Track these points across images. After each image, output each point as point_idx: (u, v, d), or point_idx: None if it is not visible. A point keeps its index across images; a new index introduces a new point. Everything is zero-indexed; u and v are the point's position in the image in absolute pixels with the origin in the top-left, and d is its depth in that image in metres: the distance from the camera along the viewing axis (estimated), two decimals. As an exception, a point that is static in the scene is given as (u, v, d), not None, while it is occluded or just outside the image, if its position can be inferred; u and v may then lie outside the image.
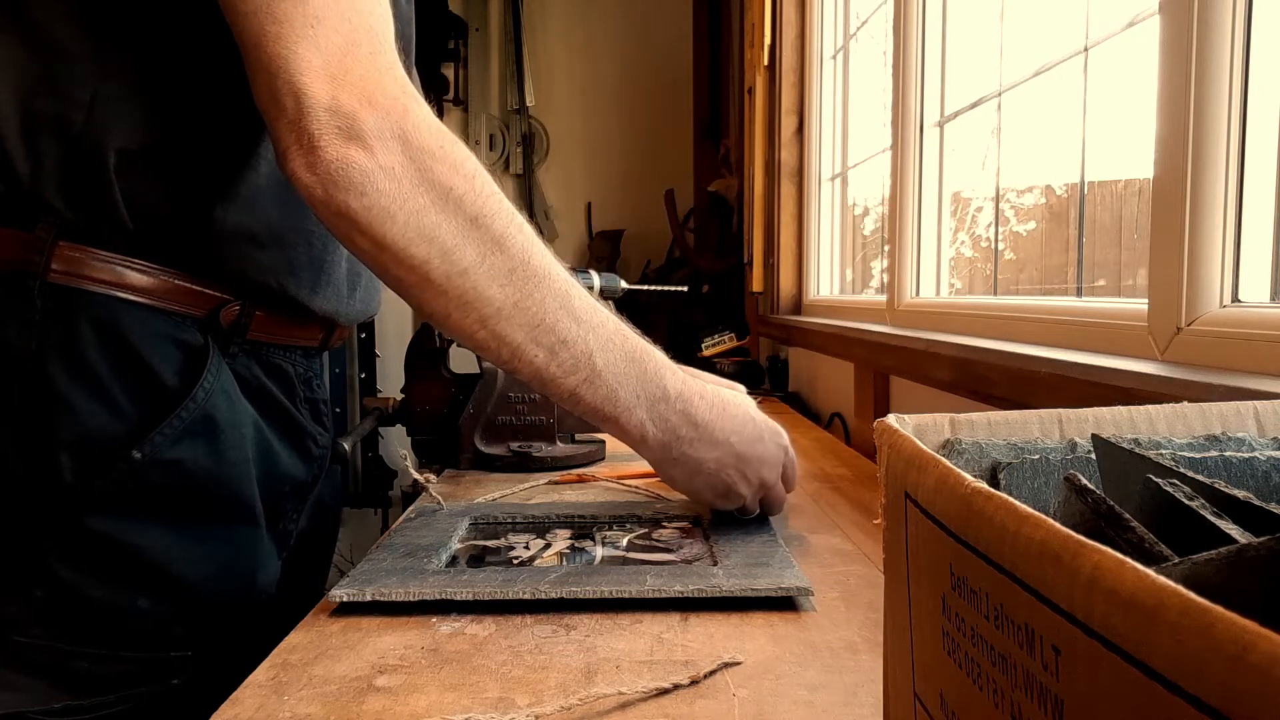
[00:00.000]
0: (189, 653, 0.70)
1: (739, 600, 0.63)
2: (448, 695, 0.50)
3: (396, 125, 0.60)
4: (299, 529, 0.86)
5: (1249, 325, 0.66)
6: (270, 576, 0.78)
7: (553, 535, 0.80)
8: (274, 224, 0.73)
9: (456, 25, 3.41)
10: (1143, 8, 0.87)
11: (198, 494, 0.70)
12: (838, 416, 1.64)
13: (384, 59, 0.62)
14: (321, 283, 0.78)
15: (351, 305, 0.84)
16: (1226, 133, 0.69)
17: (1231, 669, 0.14)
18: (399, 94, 0.61)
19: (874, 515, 0.87)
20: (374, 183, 0.59)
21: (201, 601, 0.71)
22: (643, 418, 0.68)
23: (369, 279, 0.86)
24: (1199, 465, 0.30)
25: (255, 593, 0.75)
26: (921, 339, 1.12)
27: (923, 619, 0.28)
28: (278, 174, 0.71)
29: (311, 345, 0.84)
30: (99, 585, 0.66)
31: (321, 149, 0.59)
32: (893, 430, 0.31)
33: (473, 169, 0.64)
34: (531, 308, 0.63)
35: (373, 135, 0.59)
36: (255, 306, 0.74)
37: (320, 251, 0.77)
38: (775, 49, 2.20)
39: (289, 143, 0.59)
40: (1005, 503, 0.22)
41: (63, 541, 0.65)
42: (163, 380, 0.68)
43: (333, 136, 0.59)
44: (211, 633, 0.72)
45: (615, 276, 1.48)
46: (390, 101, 0.60)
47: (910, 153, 1.44)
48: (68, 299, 0.65)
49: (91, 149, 0.65)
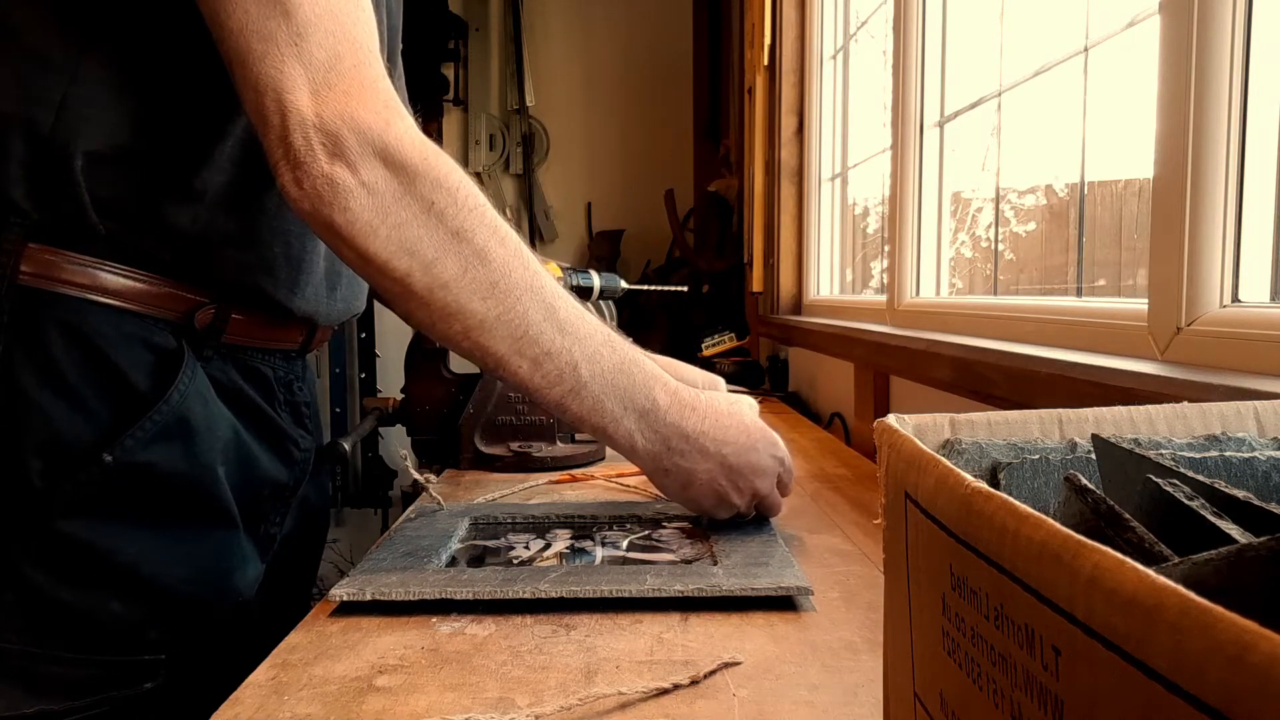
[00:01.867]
0: (163, 656, 0.70)
1: (739, 600, 0.63)
2: (448, 695, 0.50)
3: (379, 140, 0.61)
4: (283, 532, 0.86)
5: (1249, 325, 0.66)
6: (249, 579, 0.77)
7: (553, 535, 0.80)
8: (248, 224, 0.73)
9: (456, 25, 3.41)
10: (1143, 8, 0.87)
11: (171, 496, 0.69)
12: (838, 416, 1.64)
13: (369, 71, 0.63)
14: (300, 282, 0.78)
15: (333, 305, 0.83)
16: (1226, 133, 0.69)
17: (1231, 669, 0.14)
18: (382, 108, 0.62)
19: (874, 515, 0.87)
20: (356, 198, 0.60)
21: (176, 604, 0.70)
22: (631, 428, 0.69)
23: (350, 278, 0.85)
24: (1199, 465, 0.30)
25: (231, 595, 0.75)
26: (921, 339, 1.12)
27: (923, 619, 0.28)
28: (250, 174, 0.71)
29: (291, 348, 0.83)
30: (70, 589, 0.66)
31: (307, 165, 0.60)
32: (893, 430, 0.31)
33: (456, 182, 0.64)
34: (514, 320, 0.64)
35: (355, 151, 0.60)
36: (231, 308, 0.74)
37: (299, 251, 0.77)
38: (775, 49, 2.20)
39: (277, 158, 0.61)
40: (1005, 503, 0.22)
41: (32, 545, 0.65)
42: (134, 383, 0.67)
43: (318, 153, 0.60)
44: (187, 636, 0.71)
45: (615, 276, 1.48)
46: (373, 116, 0.61)
47: (910, 153, 1.44)
48: (36, 301, 0.65)
49: (60, 151, 0.64)
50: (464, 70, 3.47)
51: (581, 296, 1.44)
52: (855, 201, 2.05)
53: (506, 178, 3.52)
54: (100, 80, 0.66)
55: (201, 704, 0.51)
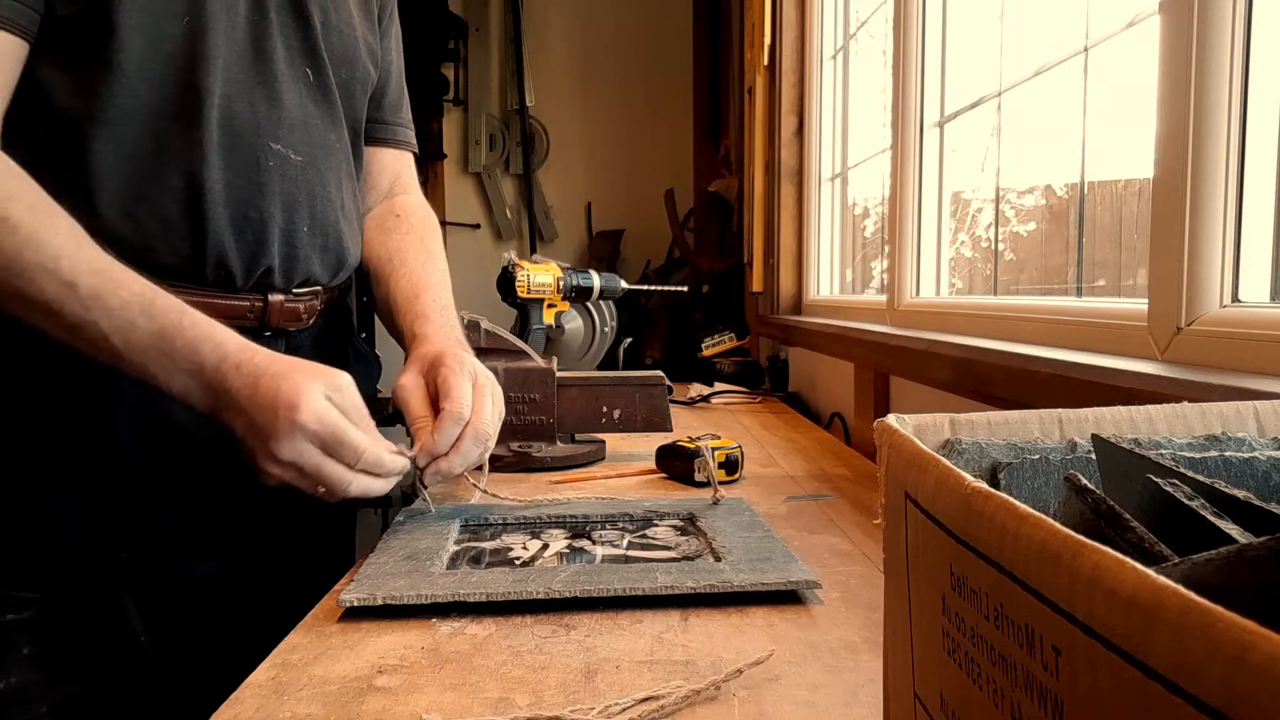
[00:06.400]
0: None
1: (740, 600, 0.63)
2: (448, 695, 0.50)
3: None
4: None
5: (1249, 325, 0.66)
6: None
7: (548, 536, 0.80)
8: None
9: (456, 25, 3.41)
10: (1143, 8, 0.87)
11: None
12: (838, 416, 1.64)
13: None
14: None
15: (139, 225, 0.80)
16: (1226, 133, 0.69)
17: (1231, 669, 0.14)
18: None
19: (874, 515, 0.87)
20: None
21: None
22: (182, 387, 0.72)
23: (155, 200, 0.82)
24: (1199, 465, 0.30)
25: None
26: (922, 339, 1.12)
27: (923, 619, 0.28)
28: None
29: (245, 324, 0.82)
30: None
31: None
32: (893, 430, 0.31)
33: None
34: (34, 297, 0.69)
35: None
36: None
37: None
38: (775, 49, 2.20)
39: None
40: (1005, 503, 0.22)
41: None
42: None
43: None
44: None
45: (615, 276, 1.49)
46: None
47: (910, 153, 1.44)
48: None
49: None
50: (464, 70, 3.46)
51: (581, 296, 1.44)
52: (855, 201, 2.05)
53: (506, 178, 3.52)
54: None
55: (201, 704, 0.51)
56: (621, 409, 1.16)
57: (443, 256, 1.03)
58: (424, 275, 0.97)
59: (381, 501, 0.82)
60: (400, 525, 0.82)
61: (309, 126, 0.86)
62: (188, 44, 0.77)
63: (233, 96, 0.80)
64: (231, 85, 0.80)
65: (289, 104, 0.84)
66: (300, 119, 0.85)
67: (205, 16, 0.78)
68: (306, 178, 0.86)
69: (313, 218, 0.87)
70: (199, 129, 0.78)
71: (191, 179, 0.78)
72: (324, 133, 0.88)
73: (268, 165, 0.82)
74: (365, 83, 0.95)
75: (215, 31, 0.78)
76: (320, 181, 0.88)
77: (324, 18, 0.88)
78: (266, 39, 0.82)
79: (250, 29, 0.82)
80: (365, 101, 0.96)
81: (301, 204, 0.85)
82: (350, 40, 0.92)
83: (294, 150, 0.85)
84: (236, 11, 0.80)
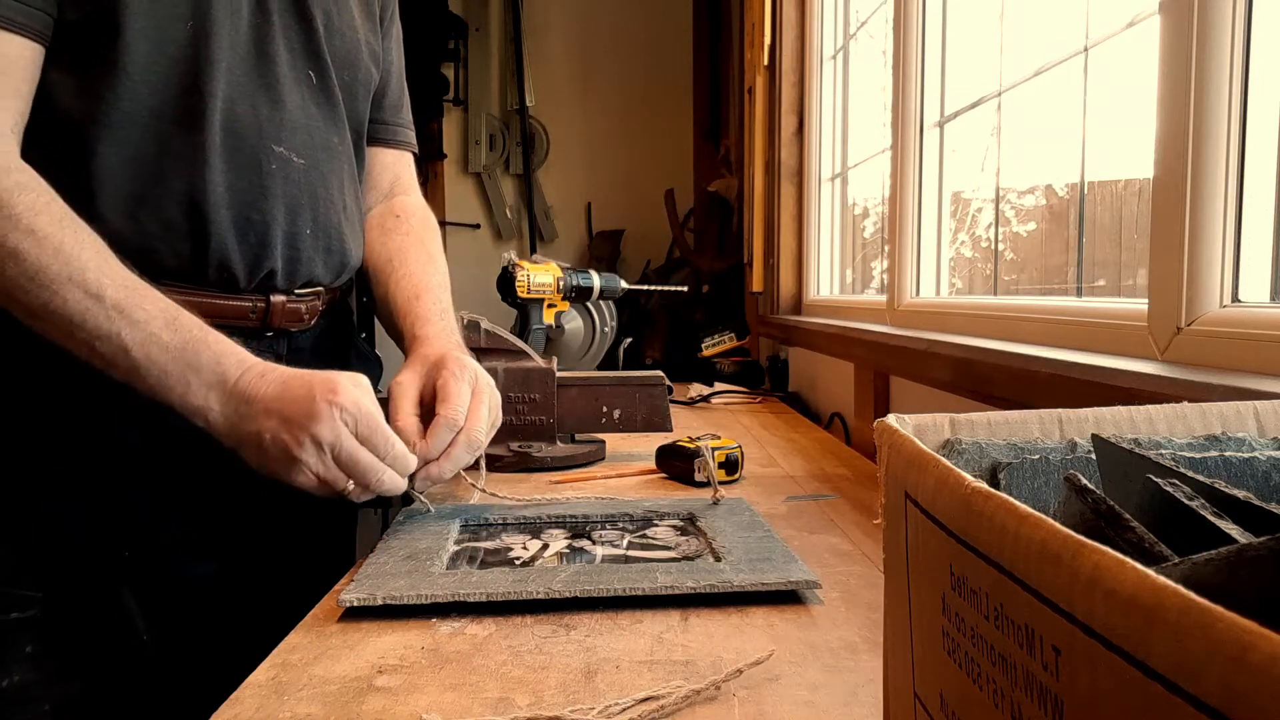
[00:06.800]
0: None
1: (741, 600, 0.63)
2: (448, 695, 0.50)
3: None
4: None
5: (1249, 325, 0.66)
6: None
7: (548, 536, 0.80)
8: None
9: (456, 25, 3.41)
10: (1143, 8, 0.87)
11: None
12: (838, 416, 1.64)
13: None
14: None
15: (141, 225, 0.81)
16: (1226, 133, 0.69)
17: (1231, 669, 0.14)
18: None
19: (874, 515, 0.87)
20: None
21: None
22: (202, 401, 0.72)
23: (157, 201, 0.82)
24: (1199, 465, 0.30)
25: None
26: (922, 339, 1.12)
27: (923, 619, 0.28)
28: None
29: (246, 325, 0.83)
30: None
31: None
32: (893, 430, 0.31)
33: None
34: (58, 309, 0.69)
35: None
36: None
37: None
38: (775, 49, 2.20)
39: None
40: (1005, 503, 0.22)
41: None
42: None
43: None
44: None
45: (615, 277, 1.49)
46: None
47: (910, 153, 1.44)
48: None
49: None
50: (464, 70, 3.46)
51: (581, 296, 1.45)
52: (855, 201, 2.05)
53: (506, 178, 3.52)
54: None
55: (202, 703, 0.51)
56: (621, 409, 1.16)
57: (442, 258, 1.03)
58: (424, 278, 0.97)
59: (381, 501, 0.82)
60: (400, 525, 0.82)
61: (311, 129, 0.86)
62: (191, 47, 0.77)
63: (235, 99, 0.80)
64: (234, 88, 0.80)
65: (291, 106, 0.84)
66: (303, 121, 0.85)
67: (209, 20, 0.78)
68: (309, 180, 0.86)
69: (315, 220, 0.87)
70: (202, 132, 0.78)
71: (194, 182, 0.78)
72: (326, 135, 0.88)
73: (270, 168, 0.82)
74: (367, 84, 0.95)
75: (219, 35, 0.78)
76: (323, 184, 0.88)
77: (326, 20, 0.88)
78: (269, 42, 0.82)
79: (253, 32, 0.82)
80: (367, 103, 0.96)
81: (304, 206, 0.85)
82: (352, 42, 0.92)
83: (296, 153, 0.85)
84: (240, 15, 0.80)
